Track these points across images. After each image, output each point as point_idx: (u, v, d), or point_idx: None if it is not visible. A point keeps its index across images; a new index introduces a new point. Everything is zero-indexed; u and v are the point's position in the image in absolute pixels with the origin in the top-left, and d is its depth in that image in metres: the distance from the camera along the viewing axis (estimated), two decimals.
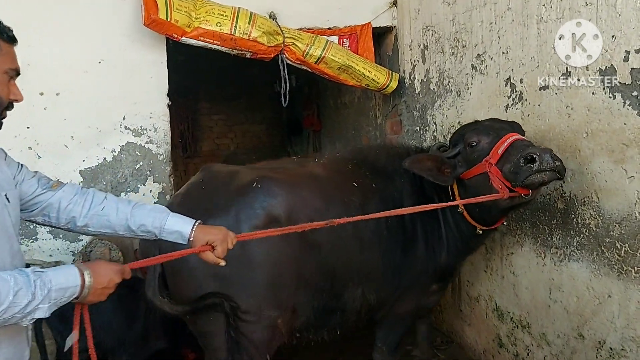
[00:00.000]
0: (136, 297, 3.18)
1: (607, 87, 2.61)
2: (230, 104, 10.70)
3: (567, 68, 2.86)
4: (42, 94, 4.18)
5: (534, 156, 2.53)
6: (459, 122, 3.94)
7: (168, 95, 4.53)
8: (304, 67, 4.64)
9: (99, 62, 4.31)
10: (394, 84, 4.78)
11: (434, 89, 4.34)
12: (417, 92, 4.65)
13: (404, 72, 4.87)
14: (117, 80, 4.34)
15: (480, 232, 3.12)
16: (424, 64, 4.49)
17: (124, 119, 4.40)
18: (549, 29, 2.96)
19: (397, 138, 5.15)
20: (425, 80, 4.49)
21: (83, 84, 4.28)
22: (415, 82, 4.67)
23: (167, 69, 4.47)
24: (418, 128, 4.66)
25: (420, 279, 3.29)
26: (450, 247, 3.28)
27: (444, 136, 4.21)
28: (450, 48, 4.04)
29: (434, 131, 4.38)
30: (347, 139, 6.98)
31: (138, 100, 4.41)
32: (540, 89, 3.07)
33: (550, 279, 3.17)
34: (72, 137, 4.31)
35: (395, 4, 4.89)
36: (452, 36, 4.00)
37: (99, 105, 4.33)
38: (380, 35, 5.20)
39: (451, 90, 4.07)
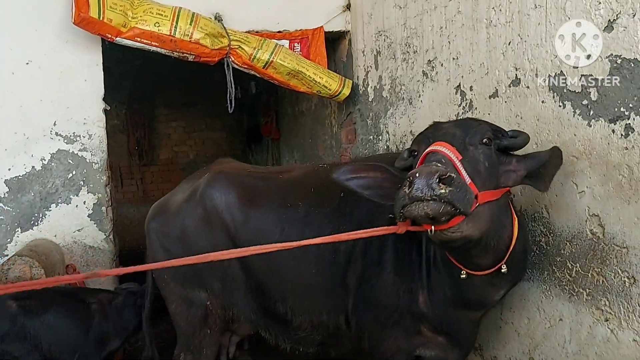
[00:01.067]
0: (88, 308, 3.33)
1: (557, 95, 2.44)
2: (189, 111, 10.39)
3: (516, 75, 2.68)
4: None
5: (412, 179, 1.85)
6: (411, 131, 3.76)
7: (106, 99, 4.24)
8: (252, 72, 4.41)
9: (27, 63, 4.00)
10: (346, 91, 4.58)
11: (386, 96, 4.15)
12: (370, 99, 4.45)
13: (357, 79, 4.67)
14: (47, 82, 4.04)
15: (464, 275, 2.32)
16: (376, 71, 4.30)
17: (54, 124, 4.09)
18: (498, 33, 2.79)
19: (352, 147, 4.95)
20: (378, 88, 4.30)
21: (9, 86, 3.97)
22: (368, 89, 4.47)
23: (103, 72, 4.18)
24: (372, 137, 4.47)
25: (391, 316, 2.67)
26: (434, 289, 2.54)
27: (396, 146, 4.01)
28: (402, 54, 3.86)
29: (387, 140, 4.19)
30: (304, 148, 6.76)
31: (70, 104, 4.10)
32: (489, 96, 2.90)
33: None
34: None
35: (348, 7, 4.70)
36: (403, 41, 3.82)
37: (27, 109, 4.02)
38: (335, 40, 5.00)
39: (403, 97, 3.88)
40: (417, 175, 1.83)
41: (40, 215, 4.09)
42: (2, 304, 3.04)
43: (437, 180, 1.81)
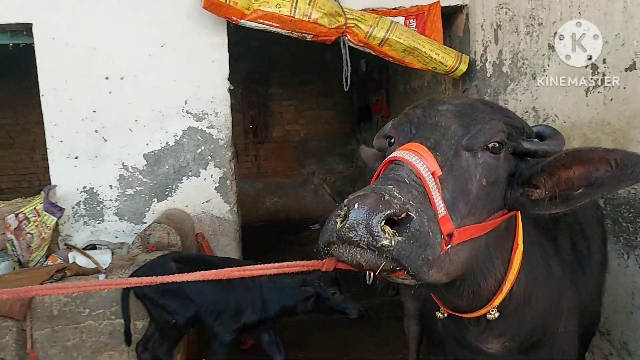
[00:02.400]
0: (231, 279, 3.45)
1: None
2: (301, 90, 10.65)
3: None
4: (107, 78, 4.25)
5: (348, 208, 1.25)
6: (534, 107, 3.62)
7: (229, 79, 4.49)
8: (367, 50, 4.45)
9: (162, 46, 4.33)
10: (463, 67, 4.48)
11: (507, 71, 4.01)
12: (488, 75, 4.32)
13: (474, 54, 4.55)
14: (179, 64, 4.36)
15: (440, 315, 1.80)
16: (496, 45, 4.16)
17: (185, 103, 4.41)
18: (637, 1, 2.61)
19: None
20: (497, 63, 4.16)
21: (146, 67, 4.33)
22: (486, 64, 4.35)
23: (228, 53, 4.42)
24: None
25: None
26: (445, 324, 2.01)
27: None
28: (526, 27, 3.70)
29: None
30: None
31: (200, 84, 4.40)
32: (625, 69, 2.72)
33: (633, 282, 2.83)
34: (137, 120, 4.38)
35: None
36: (527, 14, 3.66)
37: (162, 89, 4.37)
38: (451, 15, 4.89)
39: (525, 72, 3.73)
40: (356, 205, 1.22)
41: (174, 187, 4.46)
42: (166, 264, 3.38)
43: (383, 221, 1.21)
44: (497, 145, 1.50)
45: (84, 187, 4.39)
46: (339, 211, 1.26)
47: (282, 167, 10.71)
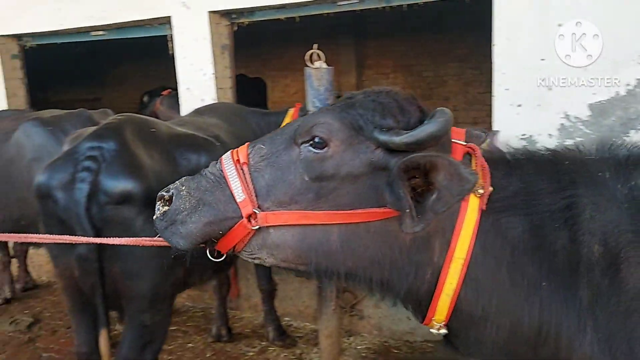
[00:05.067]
0: None
1: None
2: None
3: None
4: (560, 25, 4.20)
5: None
6: None
7: None
8: None
9: None
10: None
11: None
12: None
13: None
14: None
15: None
16: None
17: None
18: None
19: None
20: None
21: (600, 11, 4.09)
22: None
23: None
24: None
25: None
26: None
27: None
28: None
29: None
30: None
31: None
32: None
33: None
34: (586, 69, 4.22)
35: None
36: None
37: (618, 36, 4.07)
38: None
39: None
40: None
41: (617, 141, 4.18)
42: None
43: (161, 205, 1.75)
44: (318, 140, 1.59)
45: (524, 135, 4.53)
46: None
47: None
